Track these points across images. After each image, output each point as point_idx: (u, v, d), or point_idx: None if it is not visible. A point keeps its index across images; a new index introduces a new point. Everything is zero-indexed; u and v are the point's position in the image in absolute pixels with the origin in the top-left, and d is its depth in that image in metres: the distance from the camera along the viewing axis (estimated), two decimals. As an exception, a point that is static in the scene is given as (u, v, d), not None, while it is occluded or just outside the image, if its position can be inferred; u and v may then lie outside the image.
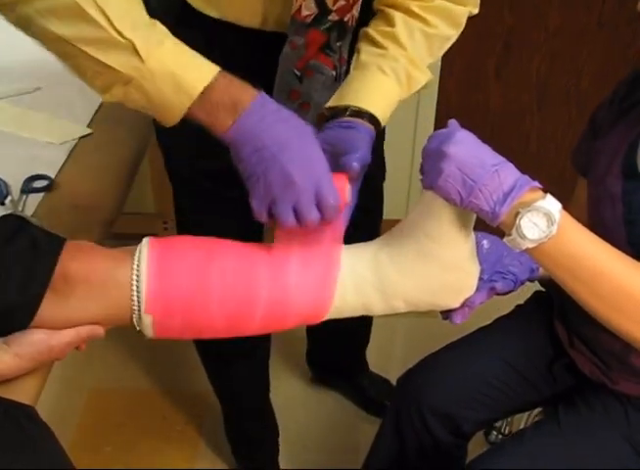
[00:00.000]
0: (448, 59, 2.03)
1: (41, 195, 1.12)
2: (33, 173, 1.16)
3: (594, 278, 0.76)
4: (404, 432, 1.21)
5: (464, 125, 0.88)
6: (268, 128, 0.78)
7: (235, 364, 1.53)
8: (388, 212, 1.55)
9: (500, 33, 2.04)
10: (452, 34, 1.06)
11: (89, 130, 1.30)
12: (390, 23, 1.02)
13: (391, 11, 1.02)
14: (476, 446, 1.29)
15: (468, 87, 2.14)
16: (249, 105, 0.78)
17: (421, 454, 1.21)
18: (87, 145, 1.27)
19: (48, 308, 0.72)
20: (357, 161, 0.84)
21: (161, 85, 0.77)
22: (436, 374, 1.19)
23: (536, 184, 0.72)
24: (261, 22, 1.01)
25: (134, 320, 0.75)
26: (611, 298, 0.76)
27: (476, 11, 1.06)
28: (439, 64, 2.02)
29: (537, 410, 1.34)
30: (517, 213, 0.71)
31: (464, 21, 1.06)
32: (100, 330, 0.76)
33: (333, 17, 0.98)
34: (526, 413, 1.42)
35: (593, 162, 1.07)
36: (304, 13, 0.97)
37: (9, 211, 1.06)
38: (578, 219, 0.76)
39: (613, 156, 1.01)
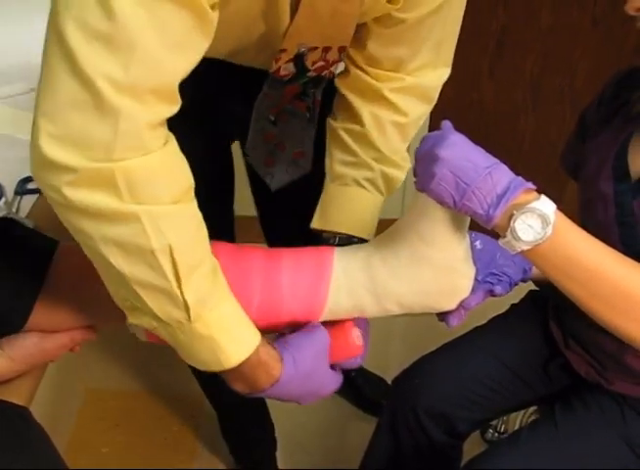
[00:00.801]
0: (442, 58, 2.03)
1: (35, 196, 1.12)
2: (28, 175, 1.15)
3: (590, 279, 0.75)
4: (400, 432, 1.21)
5: (458, 124, 0.88)
6: (282, 395, 0.81)
7: None
8: (383, 212, 1.54)
9: (493, 32, 2.04)
10: (425, 112, 1.03)
11: (83, 132, 1.29)
12: (359, 120, 0.99)
13: (358, 102, 0.99)
14: (472, 445, 1.29)
15: (461, 86, 2.14)
16: (269, 387, 0.78)
17: (417, 454, 1.21)
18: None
19: (41, 311, 0.72)
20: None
21: (198, 345, 0.73)
22: (432, 374, 1.19)
23: (530, 185, 0.72)
24: (228, 52, 0.99)
25: (127, 324, 0.75)
26: (607, 298, 0.76)
27: (447, 73, 1.03)
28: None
29: (532, 409, 1.35)
30: (511, 216, 0.71)
31: (437, 94, 1.03)
32: (92, 333, 0.76)
33: (311, 74, 0.97)
34: (522, 412, 1.43)
35: (583, 164, 1.07)
36: (283, 73, 0.95)
37: (3, 213, 1.06)
38: (571, 220, 0.76)
39: (603, 157, 1.01)
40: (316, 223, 1.01)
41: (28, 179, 1.14)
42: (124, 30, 0.60)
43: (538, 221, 0.70)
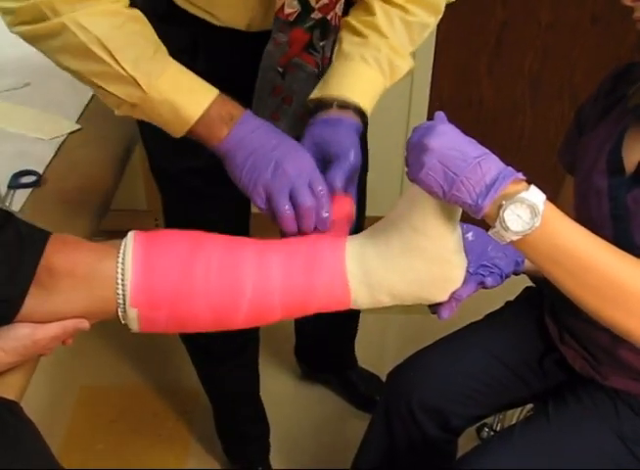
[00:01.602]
0: (441, 54, 2.03)
1: (29, 190, 1.12)
2: (21, 169, 1.15)
3: (580, 269, 0.75)
4: (394, 427, 1.21)
5: (457, 121, 0.88)
6: (260, 135, 0.88)
7: (225, 364, 1.52)
8: (380, 209, 1.54)
9: (492, 29, 2.04)
10: (431, 22, 1.06)
11: (78, 126, 1.29)
12: (370, 11, 1.02)
13: (369, 1, 1.02)
14: (468, 443, 1.28)
15: (460, 83, 2.14)
16: (241, 116, 0.89)
17: (411, 449, 1.21)
18: (76, 141, 1.26)
19: (33, 302, 0.72)
20: (340, 176, 0.88)
21: (162, 112, 0.87)
22: (426, 369, 1.19)
23: (520, 176, 0.71)
24: (247, 25, 1.01)
25: (119, 314, 0.75)
26: (598, 288, 0.75)
27: None
28: (432, 59, 2.02)
29: (529, 406, 1.34)
30: (500, 206, 0.70)
31: (442, 7, 1.06)
32: (85, 323, 0.75)
33: (316, 15, 0.98)
34: (518, 409, 1.42)
35: (579, 158, 1.07)
36: (287, 11, 0.96)
37: (-4, 207, 1.06)
38: (566, 215, 0.76)
39: (598, 152, 1.01)
40: (314, 93, 1.00)
41: (22, 173, 1.13)
42: None
43: (527, 211, 0.70)
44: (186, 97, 0.87)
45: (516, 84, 2.15)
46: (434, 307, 0.86)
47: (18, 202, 1.10)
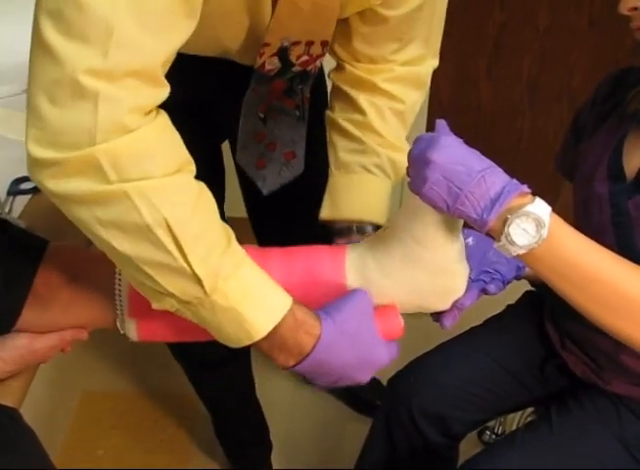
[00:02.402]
0: (440, 58, 2.02)
1: (28, 197, 1.12)
2: (21, 175, 1.15)
3: (586, 281, 0.74)
4: (395, 433, 1.21)
5: (455, 125, 0.88)
6: (330, 361, 0.75)
7: (217, 373, 1.52)
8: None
9: (491, 32, 2.04)
10: (420, 97, 1.04)
11: (77, 132, 1.29)
12: (359, 109, 0.99)
13: (354, 93, 0.99)
14: (469, 447, 1.28)
15: (459, 86, 2.14)
16: (312, 349, 0.73)
17: (412, 455, 1.20)
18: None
19: (31, 312, 0.72)
20: None
21: (222, 319, 0.71)
22: (426, 375, 1.19)
23: (525, 189, 0.70)
24: (223, 56, 1.00)
25: (118, 324, 0.75)
26: (605, 300, 0.75)
27: (436, 62, 1.04)
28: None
29: (530, 410, 1.34)
30: (505, 220, 0.69)
31: (429, 80, 1.04)
32: (83, 333, 0.76)
33: (296, 69, 0.97)
34: (519, 413, 1.42)
35: (578, 164, 1.06)
36: (268, 67, 0.95)
37: (-5, 214, 1.06)
38: (566, 222, 0.75)
39: (598, 158, 1.00)
40: (325, 213, 0.99)
41: (21, 180, 1.14)
42: (99, 18, 0.60)
43: (533, 225, 0.69)
44: (256, 309, 0.71)
45: (514, 88, 2.15)
46: (437, 316, 0.85)
47: (17, 208, 1.10)
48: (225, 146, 1.22)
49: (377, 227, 0.97)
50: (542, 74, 2.11)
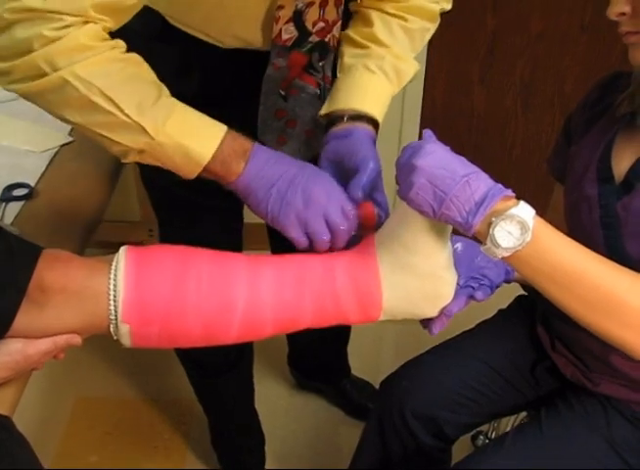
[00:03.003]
0: (433, 64, 2.03)
1: (21, 203, 1.12)
2: (13, 182, 1.15)
3: (572, 282, 0.75)
4: (387, 436, 1.21)
5: (449, 130, 0.88)
6: (277, 165, 0.86)
7: (220, 378, 1.52)
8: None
9: (483, 38, 2.05)
10: (430, 27, 1.06)
11: (70, 138, 1.29)
12: (368, 23, 1.02)
13: (368, 11, 1.02)
14: (463, 452, 1.28)
15: (452, 92, 2.15)
16: (253, 149, 0.86)
17: (405, 458, 1.21)
18: (68, 153, 1.26)
19: (24, 318, 0.72)
20: (359, 188, 0.87)
21: (172, 155, 0.84)
22: (419, 378, 1.20)
23: (509, 193, 0.71)
24: (243, 44, 1.01)
25: (111, 329, 0.75)
26: (591, 301, 0.76)
27: (449, 6, 1.07)
28: (424, 69, 2.03)
29: (523, 414, 1.34)
30: (490, 223, 0.71)
31: (438, 15, 1.06)
32: (77, 339, 0.75)
33: (313, 38, 0.98)
34: (512, 417, 1.42)
35: (569, 167, 1.08)
36: (285, 37, 0.96)
37: (-12, 220, 1.06)
38: (558, 225, 0.76)
39: (588, 160, 1.01)
40: (323, 110, 1.00)
41: (14, 186, 1.13)
42: None
43: (517, 227, 0.70)
44: (195, 138, 0.84)
45: (507, 93, 2.16)
46: (425, 323, 0.86)
47: (10, 214, 1.10)
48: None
49: (372, 121, 0.97)
50: (535, 80, 2.13)
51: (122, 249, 0.77)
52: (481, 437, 1.70)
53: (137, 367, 1.99)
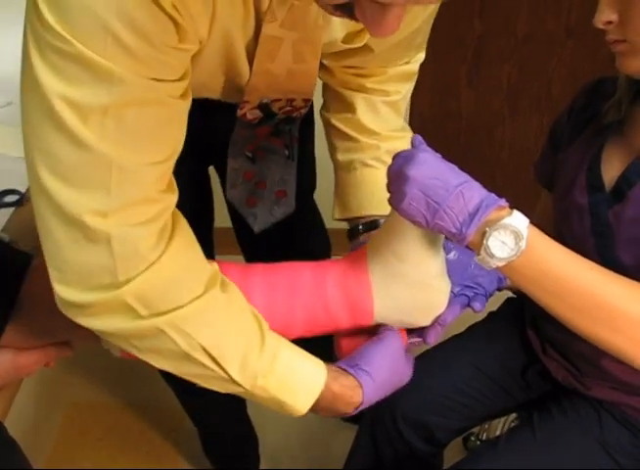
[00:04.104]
0: (420, 68, 2.04)
1: (12, 209, 1.12)
2: (4, 188, 1.15)
3: (566, 291, 0.75)
4: (379, 440, 1.21)
5: (436, 133, 0.88)
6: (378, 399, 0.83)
7: (210, 396, 1.51)
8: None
9: (470, 42, 2.06)
10: (410, 87, 1.05)
11: (60, 145, 1.28)
12: (351, 108, 0.99)
13: (348, 92, 0.99)
14: (454, 453, 1.29)
15: (440, 95, 2.15)
16: (357, 407, 0.80)
17: (397, 462, 1.21)
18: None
19: (15, 328, 0.72)
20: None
21: (266, 403, 0.78)
22: (410, 382, 1.19)
23: (503, 202, 0.71)
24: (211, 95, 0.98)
25: (101, 340, 0.75)
26: (585, 309, 0.76)
27: (423, 55, 1.05)
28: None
29: (513, 416, 1.35)
30: (484, 233, 0.70)
31: (417, 69, 1.05)
32: (67, 349, 0.75)
33: (280, 117, 0.96)
34: (503, 419, 1.43)
35: (557, 175, 1.07)
36: (250, 117, 0.94)
37: (-22, 228, 1.06)
38: (546, 231, 0.76)
39: (577, 168, 1.01)
40: (337, 214, 1.00)
41: (4, 193, 1.13)
42: (96, 159, 0.60)
43: (511, 237, 0.70)
44: (291, 394, 0.77)
45: (494, 96, 2.17)
46: (420, 332, 0.85)
47: (0, 221, 1.09)
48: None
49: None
50: (521, 83, 2.14)
51: None
52: (472, 439, 1.71)
53: (129, 373, 1.98)
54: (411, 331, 0.87)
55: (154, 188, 0.65)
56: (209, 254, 1.28)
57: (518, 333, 1.21)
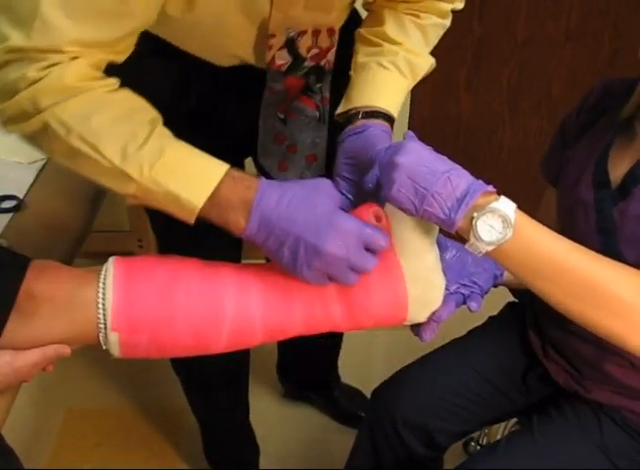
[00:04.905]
0: (420, 70, 2.04)
1: (9, 215, 1.11)
2: (1, 194, 1.15)
3: (558, 273, 0.75)
4: (379, 445, 1.21)
5: (436, 136, 0.88)
6: (281, 216, 0.75)
7: (217, 393, 1.51)
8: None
9: (470, 44, 2.06)
10: (442, 22, 1.06)
11: (58, 149, 1.28)
12: (380, 21, 1.02)
13: (380, 9, 1.02)
14: (454, 458, 1.28)
15: (439, 98, 2.15)
16: (255, 199, 0.76)
17: (397, 466, 1.20)
18: (56, 164, 1.24)
19: (13, 329, 0.71)
20: (372, 180, 0.83)
21: (164, 202, 0.78)
22: (409, 386, 1.19)
23: (490, 188, 0.72)
24: (240, 62, 1.01)
25: (100, 339, 0.75)
26: (578, 291, 0.76)
27: (461, 5, 1.07)
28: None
29: (514, 420, 1.35)
30: (472, 218, 0.71)
31: (450, 13, 1.07)
32: (66, 349, 0.75)
33: (308, 63, 0.98)
34: (503, 423, 1.42)
35: (563, 171, 1.08)
36: (279, 62, 0.96)
37: (-24, 232, 1.05)
38: (547, 227, 0.76)
39: (584, 165, 1.01)
40: (340, 109, 0.99)
41: (2, 198, 1.13)
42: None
43: (499, 221, 0.71)
44: (185, 185, 0.76)
45: (494, 99, 2.17)
46: (416, 330, 0.85)
47: (-2, 226, 1.09)
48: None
49: (388, 118, 0.97)
50: (521, 85, 2.14)
51: (111, 258, 0.77)
52: (473, 443, 1.70)
53: (128, 377, 1.99)
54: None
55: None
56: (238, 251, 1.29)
57: (518, 337, 1.21)
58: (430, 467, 1.23)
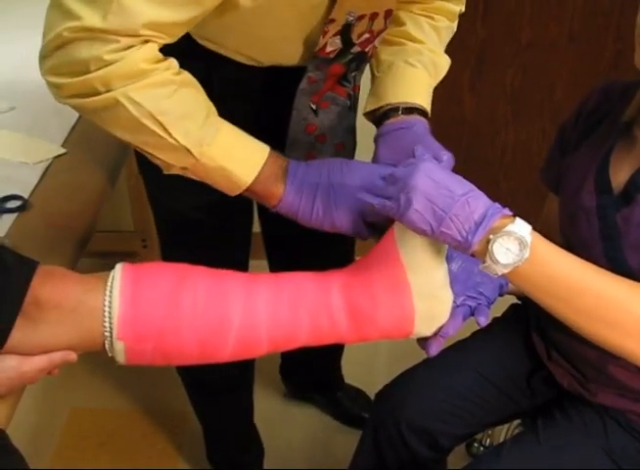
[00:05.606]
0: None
1: (15, 215, 1.11)
2: (7, 194, 1.15)
3: (573, 295, 0.76)
4: (383, 447, 1.21)
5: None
6: (311, 175, 0.90)
7: (221, 397, 1.52)
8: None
9: (473, 47, 2.06)
10: (452, 26, 1.10)
11: (63, 150, 1.29)
12: (399, 22, 1.04)
13: (397, 12, 1.03)
14: (458, 459, 1.29)
15: (443, 101, 2.15)
16: (290, 168, 0.90)
17: (400, 469, 1.20)
18: (61, 165, 1.26)
19: (19, 334, 0.71)
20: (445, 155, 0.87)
21: (214, 176, 0.89)
22: (413, 389, 1.19)
23: (507, 212, 0.72)
24: (278, 62, 1.02)
25: (106, 346, 0.75)
26: (592, 311, 0.76)
27: (463, 8, 1.11)
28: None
29: (517, 422, 1.35)
30: (489, 240, 0.71)
31: (457, 18, 1.10)
32: (72, 355, 0.75)
33: (355, 49, 0.98)
34: (507, 425, 1.42)
35: (564, 178, 1.07)
36: (329, 49, 0.96)
37: (-19, 233, 1.06)
38: (550, 235, 0.77)
39: (585, 171, 1.01)
40: (369, 105, 1.01)
41: (7, 198, 1.13)
42: None
43: (516, 244, 0.71)
44: (238, 162, 0.88)
45: (498, 101, 2.17)
46: (422, 343, 0.85)
47: (3, 226, 1.09)
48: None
49: (422, 113, 0.98)
50: (524, 88, 2.14)
51: (118, 265, 0.77)
52: (476, 445, 1.71)
53: (131, 378, 1.99)
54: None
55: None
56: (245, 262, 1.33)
57: (522, 339, 1.21)
58: (433, 469, 1.23)
